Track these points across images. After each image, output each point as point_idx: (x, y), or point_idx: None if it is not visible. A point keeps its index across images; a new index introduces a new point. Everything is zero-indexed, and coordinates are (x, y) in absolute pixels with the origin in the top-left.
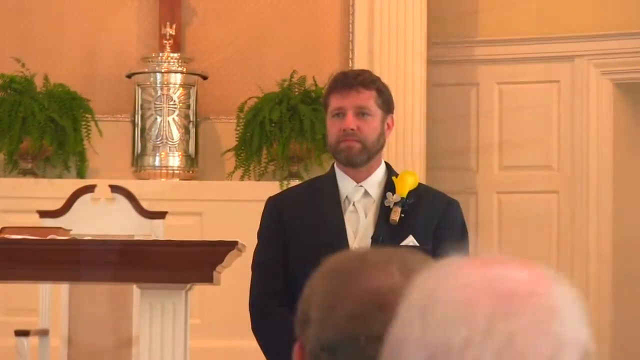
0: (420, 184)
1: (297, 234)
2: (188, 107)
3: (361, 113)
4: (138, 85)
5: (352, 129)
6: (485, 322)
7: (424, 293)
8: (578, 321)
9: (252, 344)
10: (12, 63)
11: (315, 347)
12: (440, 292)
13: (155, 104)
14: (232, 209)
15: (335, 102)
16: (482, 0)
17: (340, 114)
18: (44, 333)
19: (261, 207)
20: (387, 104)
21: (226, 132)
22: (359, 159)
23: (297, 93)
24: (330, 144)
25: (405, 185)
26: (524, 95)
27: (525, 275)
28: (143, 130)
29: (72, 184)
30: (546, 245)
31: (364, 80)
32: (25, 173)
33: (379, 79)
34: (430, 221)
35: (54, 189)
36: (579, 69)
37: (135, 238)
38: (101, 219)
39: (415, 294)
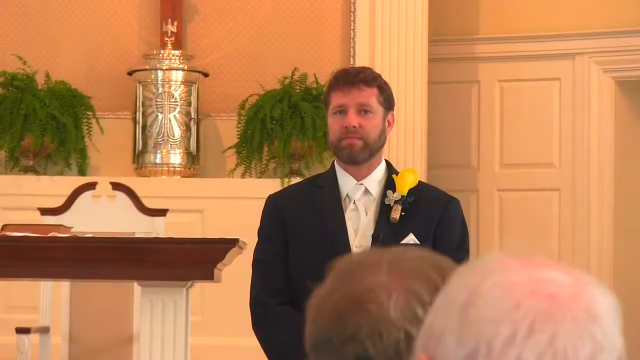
0: (420, 182)
1: (298, 232)
2: (189, 104)
3: (363, 110)
4: (139, 82)
5: (354, 127)
6: (528, 322)
7: (467, 288)
8: (616, 328)
9: (252, 341)
10: (13, 60)
11: (307, 347)
12: (483, 289)
13: (156, 101)
14: (233, 206)
15: (336, 100)
16: None
17: (342, 111)
18: (44, 330)
19: (262, 204)
20: (388, 102)
21: (227, 129)
22: (361, 157)
23: (298, 90)
24: (332, 141)
25: (405, 183)
26: (525, 93)
27: (569, 279)
28: (144, 127)
29: (73, 181)
30: (547, 242)
31: (366, 77)
32: (26, 170)
33: (380, 76)
34: (431, 219)
35: (55, 186)
36: (580, 66)
37: (136, 235)
38: (102, 216)
39: (457, 287)
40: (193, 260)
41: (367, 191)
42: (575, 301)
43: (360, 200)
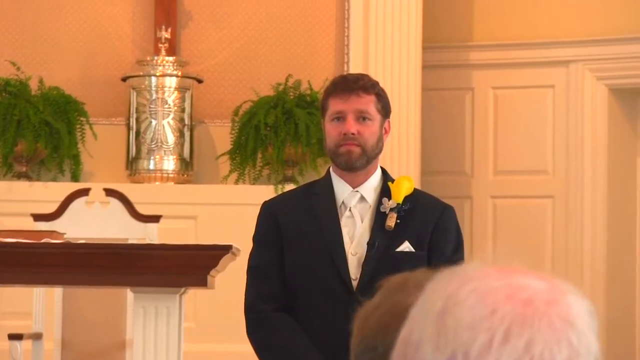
0: (415, 190)
1: (293, 238)
2: (183, 110)
3: (361, 117)
4: (133, 88)
5: (353, 133)
6: (504, 327)
7: (443, 296)
8: (592, 333)
9: (246, 348)
10: (7, 66)
11: (353, 355)
12: (460, 296)
13: (150, 107)
14: (227, 212)
15: (334, 106)
16: (477, 5)
17: (340, 117)
18: (37, 337)
19: (256, 211)
20: (385, 109)
21: (221, 135)
22: (359, 163)
23: (292, 97)
24: (330, 147)
25: (401, 190)
26: (519, 100)
27: (545, 285)
28: (138, 133)
29: (67, 187)
30: (541, 249)
31: (365, 84)
32: (19, 176)
33: (377, 83)
34: (426, 227)
35: (48, 192)
36: (573, 74)
37: (130, 242)
38: (95, 222)
39: (432, 296)
40: (186, 266)
41: (362, 198)
42: (551, 306)
43: (355, 207)
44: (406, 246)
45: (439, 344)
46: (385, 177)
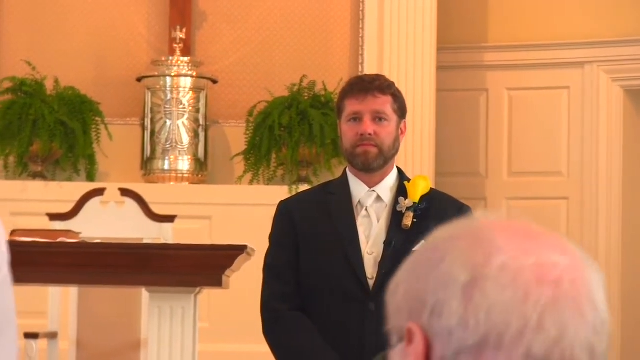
0: (432, 189)
1: (309, 238)
2: (198, 110)
3: (378, 118)
4: (148, 88)
5: (370, 134)
6: (537, 314)
7: (469, 265)
8: (606, 306)
9: (261, 348)
10: (22, 66)
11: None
12: (489, 271)
13: (165, 107)
14: (241, 213)
15: (351, 107)
16: (492, 6)
17: (356, 118)
18: (52, 336)
19: (270, 211)
20: (401, 109)
21: (235, 136)
22: (376, 164)
23: (306, 97)
24: (346, 148)
25: (417, 190)
26: (534, 101)
27: (568, 260)
28: (152, 133)
29: (82, 187)
30: None
31: (381, 85)
32: (35, 176)
33: (394, 84)
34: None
35: (63, 192)
36: (589, 75)
37: (144, 241)
38: (110, 222)
39: (454, 260)
40: (201, 266)
41: (379, 198)
42: (577, 287)
43: (372, 206)
44: None
45: (468, 319)
46: (402, 176)
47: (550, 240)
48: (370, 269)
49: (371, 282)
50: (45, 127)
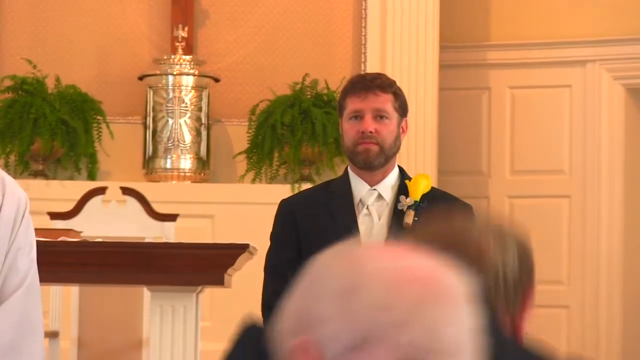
0: (433, 188)
1: (311, 236)
2: (200, 109)
3: (379, 116)
4: (150, 87)
5: (371, 132)
6: (412, 307)
7: (344, 275)
8: (473, 307)
9: None
10: (23, 64)
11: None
12: (364, 277)
13: (166, 106)
14: (244, 211)
15: (352, 105)
16: (494, 4)
17: (358, 116)
18: (54, 335)
19: (272, 210)
20: (402, 108)
21: (238, 134)
22: (377, 162)
23: (309, 96)
24: (347, 146)
25: (418, 188)
26: (536, 100)
27: (432, 262)
28: (154, 132)
29: (83, 186)
30: (557, 249)
31: (382, 83)
32: (36, 174)
33: (395, 82)
34: None
35: (65, 191)
36: (590, 73)
37: (146, 240)
38: (112, 221)
39: (329, 274)
40: (203, 265)
41: (380, 196)
42: (443, 283)
43: (373, 205)
44: None
45: (349, 323)
46: (403, 175)
47: (416, 252)
48: None
49: None
50: (47, 126)
